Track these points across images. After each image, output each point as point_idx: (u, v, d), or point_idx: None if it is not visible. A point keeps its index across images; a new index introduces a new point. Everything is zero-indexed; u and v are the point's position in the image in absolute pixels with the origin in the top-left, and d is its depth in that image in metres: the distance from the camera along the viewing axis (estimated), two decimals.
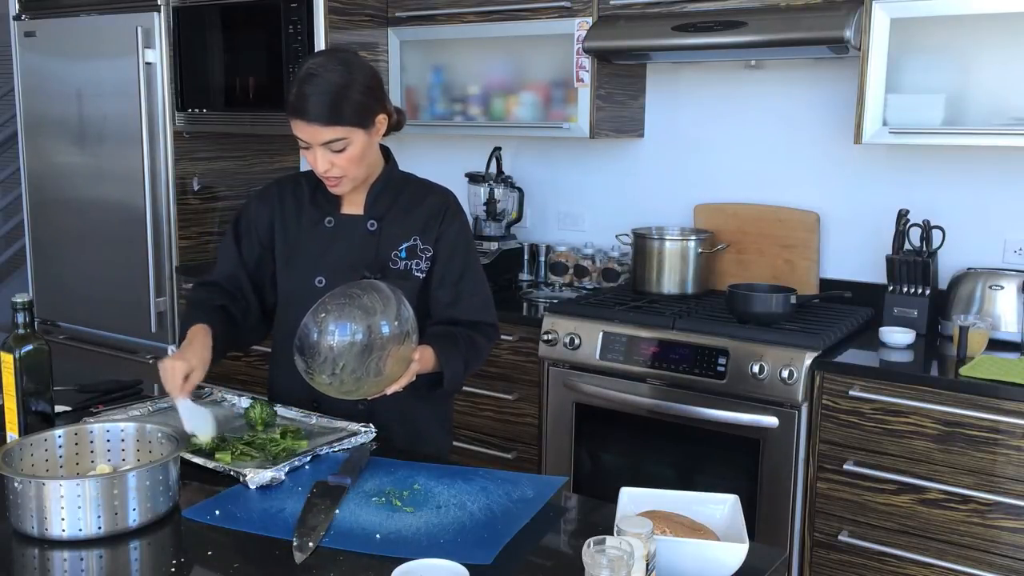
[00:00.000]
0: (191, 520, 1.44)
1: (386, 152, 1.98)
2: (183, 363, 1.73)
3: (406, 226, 1.93)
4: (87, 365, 3.74)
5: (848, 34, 2.53)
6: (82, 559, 1.34)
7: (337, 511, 1.45)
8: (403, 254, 1.92)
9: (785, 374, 2.49)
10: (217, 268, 2.02)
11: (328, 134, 1.78)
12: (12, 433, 1.69)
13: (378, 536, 1.38)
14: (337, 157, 1.81)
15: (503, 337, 2.85)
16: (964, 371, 2.34)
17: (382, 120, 1.87)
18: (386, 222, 1.93)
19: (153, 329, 3.70)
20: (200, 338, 1.82)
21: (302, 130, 1.80)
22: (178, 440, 1.54)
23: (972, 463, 2.31)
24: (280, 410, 1.88)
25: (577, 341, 2.80)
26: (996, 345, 2.57)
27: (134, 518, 1.39)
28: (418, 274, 1.92)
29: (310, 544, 1.35)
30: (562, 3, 3.05)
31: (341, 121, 1.78)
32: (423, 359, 1.77)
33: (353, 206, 1.95)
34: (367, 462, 1.65)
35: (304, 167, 4.21)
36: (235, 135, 3.86)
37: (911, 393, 2.37)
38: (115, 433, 1.61)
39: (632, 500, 1.38)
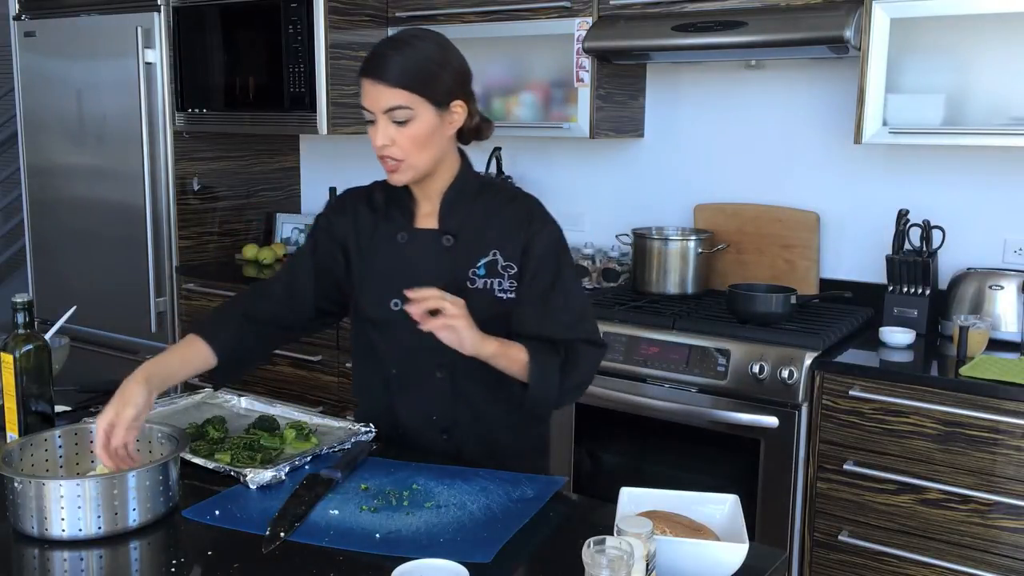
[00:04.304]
0: (191, 520, 1.44)
1: (462, 156, 1.77)
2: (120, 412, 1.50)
3: (484, 239, 1.72)
4: (87, 365, 3.74)
5: (848, 34, 2.53)
6: (82, 559, 1.34)
7: (336, 511, 1.45)
8: (481, 271, 1.71)
9: (785, 374, 2.49)
10: (279, 275, 1.86)
11: (392, 97, 1.60)
12: (12, 433, 1.69)
13: (378, 536, 1.38)
14: (399, 132, 1.62)
15: None
16: (964, 371, 2.34)
17: (459, 109, 1.67)
18: (462, 236, 1.72)
19: (153, 329, 3.70)
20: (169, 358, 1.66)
21: (367, 93, 1.61)
22: (178, 440, 1.54)
23: (972, 463, 2.31)
24: (281, 411, 1.88)
25: None
26: (996, 345, 2.57)
27: (134, 518, 1.39)
28: (501, 295, 1.70)
29: (281, 534, 1.36)
30: (562, 3, 3.05)
31: (409, 85, 1.59)
32: (511, 355, 1.63)
33: (427, 219, 1.75)
34: (363, 459, 1.65)
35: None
36: (235, 135, 3.86)
37: (911, 393, 2.37)
38: None
39: (632, 500, 1.38)
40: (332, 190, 3.81)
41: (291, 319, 1.83)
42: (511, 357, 1.64)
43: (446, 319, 1.54)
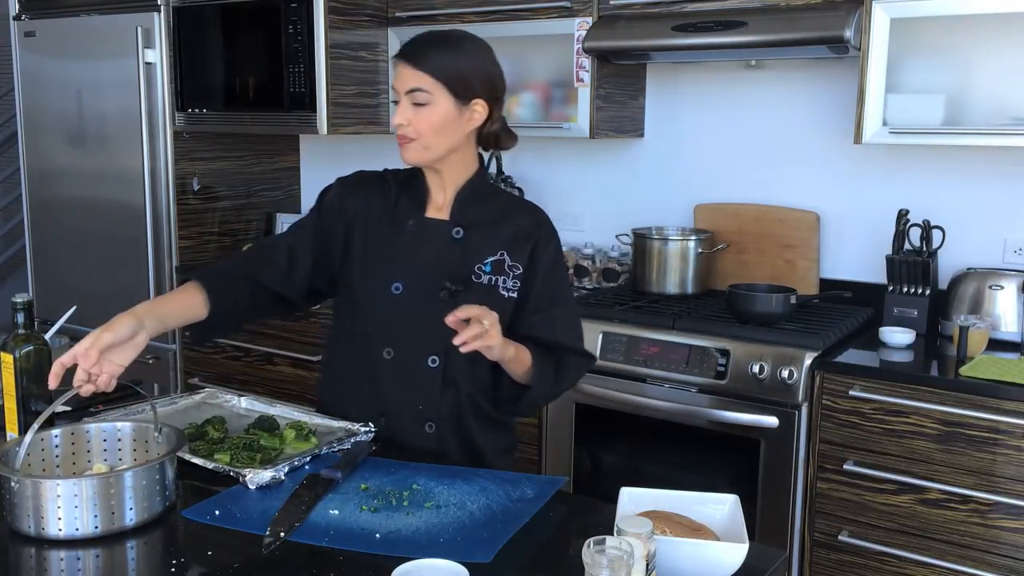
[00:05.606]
0: (191, 520, 1.44)
1: (480, 162, 1.85)
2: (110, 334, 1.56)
3: (494, 239, 1.79)
4: None
5: (848, 34, 2.53)
6: (79, 559, 1.34)
7: (336, 511, 1.45)
8: (488, 267, 1.78)
9: (785, 374, 2.49)
10: (281, 244, 1.86)
11: (415, 80, 1.69)
12: (12, 433, 1.69)
13: (378, 536, 1.38)
14: (416, 114, 1.70)
15: None
16: (964, 371, 2.34)
17: (480, 108, 1.74)
18: (473, 232, 1.79)
19: None
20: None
21: (398, 74, 1.71)
22: (175, 439, 1.53)
23: (972, 463, 2.31)
24: (281, 411, 1.88)
25: None
26: (996, 345, 2.57)
27: (131, 517, 1.39)
28: (504, 292, 1.78)
29: (281, 534, 1.36)
30: (562, 3, 3.05)
31: (434, 72, 1.68)
32: (521, 358, 1.71)
33: (439, 211, 1.82)
34: (363, 459, 1.65)
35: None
36: (235, 135, 3.86)
37: (911, 393, 2.36)
38: (112, 433, 1.61)
39: (632, 500, 1.38)
40: None
41: (286, 292, 1.85)
42: (520, 360, 1.73)
43: (484, 339, 1.59)
